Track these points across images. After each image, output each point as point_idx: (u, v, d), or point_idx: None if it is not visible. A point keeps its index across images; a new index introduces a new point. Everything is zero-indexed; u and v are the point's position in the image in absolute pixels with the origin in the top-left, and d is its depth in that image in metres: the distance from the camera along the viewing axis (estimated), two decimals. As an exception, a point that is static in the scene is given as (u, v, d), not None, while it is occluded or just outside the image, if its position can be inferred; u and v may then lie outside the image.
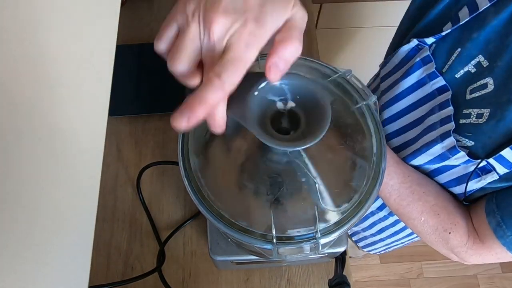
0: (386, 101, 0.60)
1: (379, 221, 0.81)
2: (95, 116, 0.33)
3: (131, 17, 0.95)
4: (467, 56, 0.50)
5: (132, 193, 0.77)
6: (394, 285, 1.60)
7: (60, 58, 0.28)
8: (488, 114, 0.47)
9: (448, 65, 0.52)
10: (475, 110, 0.49)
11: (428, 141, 0.53)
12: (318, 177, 0.42)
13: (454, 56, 0.51)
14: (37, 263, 0.26)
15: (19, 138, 0.24)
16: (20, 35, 0.24)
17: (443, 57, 0.53)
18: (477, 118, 0.48)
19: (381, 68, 0.65)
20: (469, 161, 0.49)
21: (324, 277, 0.71)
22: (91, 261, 0.33)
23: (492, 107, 0.47)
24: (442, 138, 0.51)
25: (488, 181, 0.49)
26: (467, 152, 0.49)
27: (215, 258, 0.58)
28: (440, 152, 0.51)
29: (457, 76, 0.52)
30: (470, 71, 0.50)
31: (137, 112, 0.83)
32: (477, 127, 0.48)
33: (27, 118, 0.25)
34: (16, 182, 0.24)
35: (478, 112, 0.48)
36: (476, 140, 0.49)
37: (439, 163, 0.53)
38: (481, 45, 0.49)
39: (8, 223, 0.23)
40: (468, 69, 0.50)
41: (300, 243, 0.42)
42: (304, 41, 0.35)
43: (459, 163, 0.50)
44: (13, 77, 0.24)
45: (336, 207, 0.42)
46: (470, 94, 0.50)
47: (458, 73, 0.51)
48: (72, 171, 0.30)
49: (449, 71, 0.52)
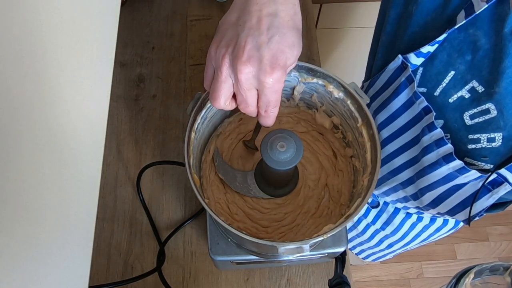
0: (382, 120, 0.59)
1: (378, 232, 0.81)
2: (95, 116, 0.33)
3: (131, 17, 0.95)
4: (461, 80, 0.49)
5: (132, 193, 0.77)
6: (394, 285, 1.60)
7: (60, 58, 0.28)
8: (501, 137, 0.46)
9: (440, 88, 0.51)
10: (484, 135, 0.47)
11: (430, 162, 0.52)
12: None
13: (448, 80, 0.50)
14: (37, 263, 0.26)
15: (19, 138, 0.24)
16: (20, 36, 0.24)
17: (433, 79, 0.51)
18: (489, 142, 0.47)
19: (366, 86, 0.63)
20: (481, 176, 0.48)
21: (324, 277, 0.71)
22: (91, 261, 0.33)
23: (503, 131, 0.46)
24: (446, 161, 0.49)
25: (500, 195, 0.47)
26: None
27: (215, 258, 0.58)
28: (447, 173, 0.50)
29: (451, 101, 0.50)
30: (464, 96, 0.49)
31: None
32: (492, 150, 0.47)
33: (27, 118, 0.25)
34: (16, 182, 0.24)
35: (488, 137, 0.47)
36: (495, 161, 0.48)
37: (448, 183, 0.51)
38: (474, 69, 0.47)
39: (9, 223, 0.23)
40: (462, 94, 0.49)
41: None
42: (304, 41, 0.35)
43: (468, 180, 0.49)
44: (13, 78, 0.24)
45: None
46: (471, 120, 0.48)
47: (451, 98, 0.50)
48: (72, 171, 0.30)
49: (442, 95, 0.51)
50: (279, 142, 0.48)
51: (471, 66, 0.47)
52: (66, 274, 0.30)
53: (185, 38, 0.93)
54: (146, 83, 0.88)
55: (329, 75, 0.53)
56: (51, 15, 0.27)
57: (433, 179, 0.53)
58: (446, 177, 0.51)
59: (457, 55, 0.48)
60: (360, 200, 0.48)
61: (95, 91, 0.33)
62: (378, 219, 0.79)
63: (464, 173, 0.49)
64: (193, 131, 0.51)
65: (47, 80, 0.27)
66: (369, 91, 0.62)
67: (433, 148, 0.51)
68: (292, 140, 0.49)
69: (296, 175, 0.60)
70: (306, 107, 0.62)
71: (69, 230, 0.30)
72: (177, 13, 0.96)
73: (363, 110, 0.52)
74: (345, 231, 0.59)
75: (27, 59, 0.25)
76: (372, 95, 0.62)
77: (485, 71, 0.46)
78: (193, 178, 0.48)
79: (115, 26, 0.35)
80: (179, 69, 0.90)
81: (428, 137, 0.51)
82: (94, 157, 0.33)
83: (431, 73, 0.51)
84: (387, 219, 0.77)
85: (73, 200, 0.31)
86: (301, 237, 0.56)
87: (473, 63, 0.47)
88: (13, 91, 0.24)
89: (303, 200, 0.59)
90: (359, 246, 0.93)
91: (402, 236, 0.79)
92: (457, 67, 0.48)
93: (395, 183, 0.63)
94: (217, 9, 0.97)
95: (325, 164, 0.61)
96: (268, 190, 0.58)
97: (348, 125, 0.57)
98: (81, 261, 0.32)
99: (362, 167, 0.54)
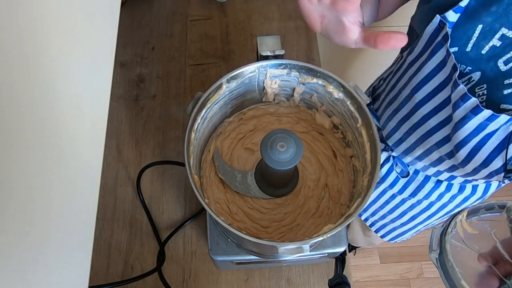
0: (417, 83, 0.60)
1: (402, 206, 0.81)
2: (95, 116, 0.33)
3: (131, 17, 0.95)
4: (490, 31, 0.50)
5: (132, 193, 0.77)
6: (394, 285, 1.60)
7: (60, 58, 0.28)
8: None
9: (471, 43, 0.52)
10: None
11: (460, 118, 0.53)
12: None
13: (477, 34, 0.51)
14: (38, 263, 0.26)
15: (19, 139, 0.24)
16: (19, 36, 0.24)
17: (463, 37, 0.53)
18: None
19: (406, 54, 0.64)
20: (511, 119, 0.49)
21: (324, 277, 0.71)
22: (91, 261, 0.33)
23: None
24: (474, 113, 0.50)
25: None
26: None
27: (215, 258, 0.58)
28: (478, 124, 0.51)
29: (483, 53, 0.52)
30: (496, 45, 0.50)
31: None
32: None
33: (27, 119, 0.25)
34: (16, 182, 0.24)
35: None
36: None
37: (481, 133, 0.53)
38: (502, 17, 0.49)
39: (9, 224, 0.23)
40: (493, 44, 0.51)
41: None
42: (304, 41, 0.35)
43: (499, 125, 0.50)
44: (13, 78, 0.24)
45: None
46: (505, 66, 0.50)
47: (483, 50, 0.52)
48: (72, 171, 0.30)
49: (474, 49, 0.52)
50: (279, 142, 0.48)
51: (498, 16, 0.49)
52: (66, 274, 0.30)
53: (185, 38, 0.93)
54: (146, 83, 0.88)
55: (329, 75, 0.53)
56: (50, 15, 0.27)
57: (465, 132, 0.54)
58: (478, 127, 0.52)
59: (482, 9, 0.50)
60: (360, 200, 0.48)
61: (95, 91, 0.33)
62: (405, 189, 0.79)
63: (494, 120, 0.50)
64: (193, 131, 0.51)
65: (46, 80, 0.27)
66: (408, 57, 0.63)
67: (459, 104, 0.52)
68: (292, 140, 0.49)
69: (296, 175, 0.60)
70: (306, 107, 0.62)
71: (69, 230, 0.30)
72: (177, 13, 0.96)
73: (363, 110, 0.52)
74: (345, 231, 0.59)
75: (27, 59, 0.25)
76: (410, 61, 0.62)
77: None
78: (193, 178, 0.48)
79: (115, 26, 0.35)
80: (179, 69, 0.90)
81: (456, 94, 0.52)
82: (94, 157, 0.33)
83: (459, 31, 0.53)
84: (416, 188, 0.77)
85: (73, 200, 0.31)
86: (301, 237, 0.56)
87: (499, 12, 0.49)
88: (12, 91, 0.24)
89: (303, 200, 0.59)
90: (380, 220, 0.93)
91: (428, 206, 0.79)
92: (483, 20, 0.50)
93: (429, 145, 0.64)
94: (217, 9, 0.97)
95: (325, 164, 0.61)
96: (268, 190, 0.58)
97: (348, 125, 0.57)
98: (81, 261, 0.32)
99: (362, 167, 0.54)
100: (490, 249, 0.39)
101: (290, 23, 0.94)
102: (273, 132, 0.50)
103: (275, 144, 0.48)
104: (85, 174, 0.32)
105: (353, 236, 1.18)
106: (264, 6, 0.97)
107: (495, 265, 0.37)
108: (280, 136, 0.49)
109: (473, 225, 0.41)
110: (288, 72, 0.55)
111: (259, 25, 0.95)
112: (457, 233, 0.40)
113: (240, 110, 0.62)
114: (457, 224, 0.40)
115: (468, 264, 0.38)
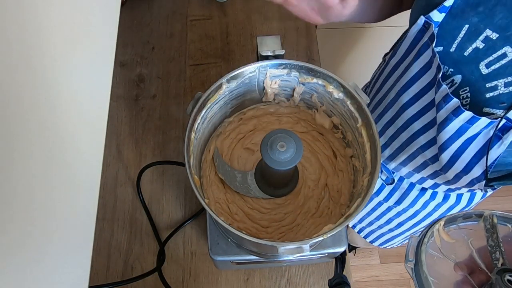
0: (403, 85, 0.60)
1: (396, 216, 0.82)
2: (95, 116, 0.33)
3: (131, 17, 0.95)
4: (475, 32, 0.50)
5: (132, 193, 0.77)
6: (394, 285, 1.60)
7: (60, 58, 0.28)
8: None
9: (456, 43, 0.52)
10: (501, 80, 0.49)
11: (442, 119, 0.53)
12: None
13: (463, 34, 0.51)
14: (38, 263, 0.26)
15: (19, 139, 0.24)
16: (19, 36, 0.24)
17: (449, 36, 0.53)
18: (506, 87, 0.48)
19: (389, 57, 0.64)
20: (492, 122, 0.48)
21: (324, 277, 0.71)
22: (91, 261, 0.33)
23: None
24: (456, 114, 0.50)
25: (510, 140, 0.48)
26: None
27: (215, 258, 0.58)
28: (458, 126, 0.51)
29: (466, 54, 0.52)
30: (479, 47, 0.50)
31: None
32: (509, 95, 0.48)
33: (27, 119, 0.25)
34: (16, 182, 0.24)
35: (505, 81, 0.48)
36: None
37: (462, 137, 0.52)
38: (487, 18, 0.48)
39: (9, 224, 0.23)
40: (476, 45, 0.50)
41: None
42: (304, 41, 0.35)
43: (480, 129, 0.50)
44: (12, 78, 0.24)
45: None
46: (487, 69, 0.50)
47: (466, 51, 0.51)
48: (72, 171, 0.30)
49: (457, 50, 0.52)
50: (279, 142, 0.48)
51: (483, 17, 0.49)
52: (66, 274, 0.30)
53: (185, 38, 0.93)
54: (146, 83, 0.88)
55: (329, 75, 0.53)
56: (51, 15, 0.27)
57: (447, 135, 0.54)
58: (459, 130, 0.52)
59: (469, 9, 0.50)
60: (360, 200, 0.48)
61: (95, 91, 0.33)
62: (391, 197, 0.79)
63: (474, 123, 0.50)
64: (193, 131, 0.51)
65: (47, 80, 0.27)
66: (391, 61, 0.63)
67: (442, 105, 0.52)
68: (292, 140, 0.49)
69: (296, 175, 0.60)
70: (306, 107, 0.62)
71: (69, 230, 0.30)
72: (177, 13, 0.96)
73: (363, 110, 0.52)
74: (345, 231, 0.59)
75: (27, 59, 0.25)
76: (394, 63, 0.62)
77: (497, 17, 0.47)
78: (193, 178, 0.48)
79: (115, 26, 0.35)
80: (179, 69, 0.90)
81: (439, 95, 0.52)
82: (94, 157, 0.33)
83: (446, 30, 0.53)
84: (401, 196, 0.77)
85: (73, 200, 0.31)
86: (301, 237, 0.56)
87: (485, 13, 0.48)
88: (12, 92, 0.24)
89: (303, 200, 0.59)
90: (368, 227, 0.93)
91: (413, 214, 0.79)
92: (470, 20, 0.50)
93: (414, 148, 0.63)
94: (217, 9, 0.97)
95: (325, 164, 0.61)
96: (268, 190, 0.58)
97: (348, 125, 0.57)
98: (81, 261, 0.32)
99: (362, 167, 0.54)
100: (466, 258, 0.39)
101: (290, 23, 0.94)
102: (273, 132, 0.50)
103: (275, 144, 0.48)
104: (85, 174, 0.32)
105: (352, 236, 1.19)
106: (264, 6, 0.97)
107: (470, 274, 0.37)
108: (280, 136, 0.49)
109: (450, 233, 0.40)
110: (288, 72, 0.55)
111: (259, 25, 0.95)
112: (434, 242, 0.39)
113: (240, 110, 0.62)
114: (434, 233, 0.40)
115: (444, 273, 0.38)
